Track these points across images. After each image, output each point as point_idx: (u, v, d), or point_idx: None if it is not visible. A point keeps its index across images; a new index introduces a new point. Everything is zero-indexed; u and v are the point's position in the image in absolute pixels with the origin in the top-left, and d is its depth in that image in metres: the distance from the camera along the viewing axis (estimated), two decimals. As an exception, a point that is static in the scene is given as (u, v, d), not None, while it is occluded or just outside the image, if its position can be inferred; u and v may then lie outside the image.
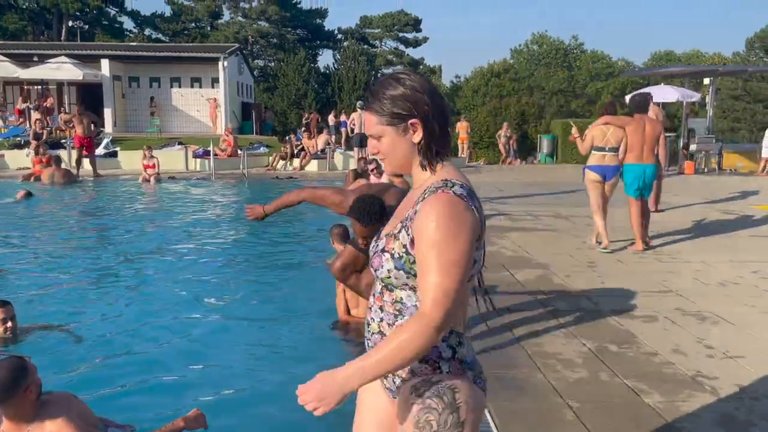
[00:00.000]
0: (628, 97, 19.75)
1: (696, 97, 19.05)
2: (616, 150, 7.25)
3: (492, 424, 3.20)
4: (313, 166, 18.29)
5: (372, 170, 10.86)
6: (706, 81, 19.34)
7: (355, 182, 9.46)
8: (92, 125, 15.89)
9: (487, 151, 34.64)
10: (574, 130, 7.83)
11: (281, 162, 18.39)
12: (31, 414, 2.78)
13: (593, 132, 7.37)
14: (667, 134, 18.12)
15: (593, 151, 7.36)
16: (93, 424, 3.02)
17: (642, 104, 7.44)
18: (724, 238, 8.18)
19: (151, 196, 13.30)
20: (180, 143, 19.85)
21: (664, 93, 17.17)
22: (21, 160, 17.41)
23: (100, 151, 17.56)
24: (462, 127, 23.09)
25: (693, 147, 17.67)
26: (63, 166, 16.05)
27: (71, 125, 16.23)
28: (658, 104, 10.51)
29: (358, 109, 17.18)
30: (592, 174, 7.38)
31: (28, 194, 11.75)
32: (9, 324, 4.42)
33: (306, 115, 24.71)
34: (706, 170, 17.65)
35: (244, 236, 9.02)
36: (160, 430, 2.93)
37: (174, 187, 14.58)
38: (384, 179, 10.45)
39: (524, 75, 48.08)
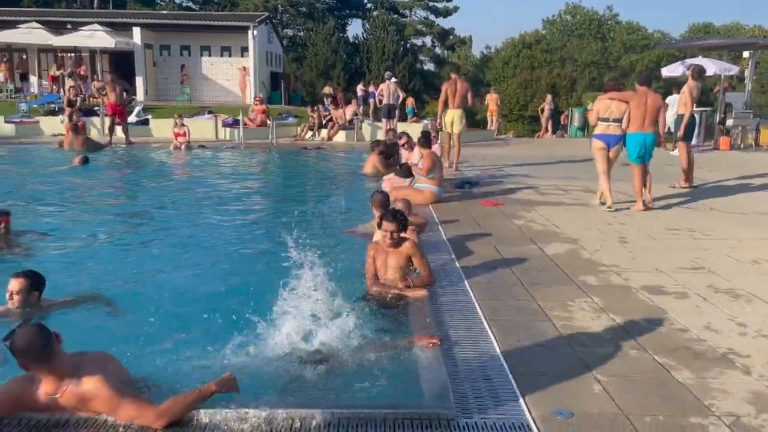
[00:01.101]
0: (664, 70, 19.41)
1: (734, 70, 18.50)
2: (619, 121, 8.08)
3: (518, 395, 3.22)
4: (340, 137, 18.26)
5: (403, 144, 10.82)
6: (746, 54, 18.75)
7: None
8: (124, 93, 16.03)
9: (516, 123, 34.27)
10: (589, 105, 8.89)
11: (309, 132, 18.39)
12: (67, 370, 2.87)
13: (599, 105, 8.25)
14: (703, 109, 17.79)
15: (599, 122, 8.23)
16: (127, 384, 3.11)
17: (647, 79, 8.25)
18: (759, 216, 8.00)
19: (182, 164, 13.46)
20: (210, 112, 19.96)
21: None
22: (55, 126, 17.69)
23: (132, 118, 17.74)
24: (491, 99, 22.75)
25: (729, 122, 17.22)
26: (95, 133, 16.33)
27: (104, 93, 16.39)
28: (700, 77, 10.19)
29: (386, 80, 17.02)
30: (598, 142, 8.24)
31: (85, 160, 11.92)
32: (11, 297, 4.27)
33: (330, 90, 24.59)
34: (742, 146, 17.20)
35: (273, 204, 9.10)
36: (192, 391, 3.00)
37: (204, 155, 14.71)
38: (415, 153, 10.41)
39: (556, 46, 47.17)
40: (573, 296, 4.77)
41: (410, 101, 25.66)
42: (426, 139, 8.70)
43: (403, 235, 4.94)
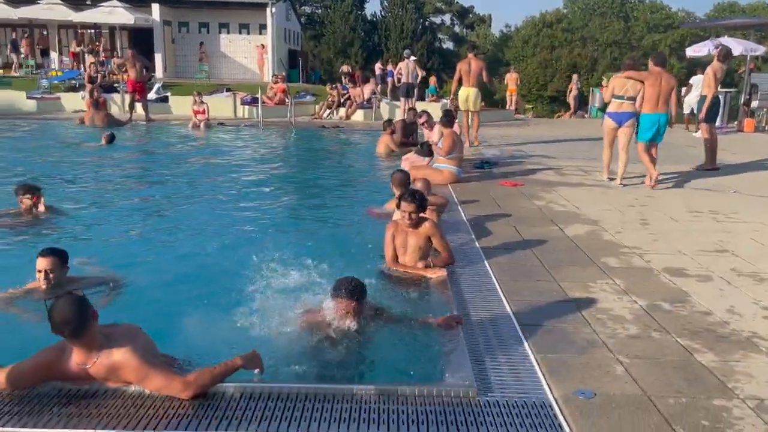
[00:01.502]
0: (688, 50, 19.05)
1: (760, 50, 18.11)
2: (633, 99, 8.31)
3: (540, 374, 3.23)
4: (358, 116, 18.22)
5: (423, 123, 10.77)
6: (773, 34, 18.31)
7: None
8: (144, 70, 16.09)
9: (536, 103, 33.89)
10: (604, 82, 9.30)
11: (327, 111, 18.36)
12: (98, 342, 2.92)
13: (614, 82, 8.51)
14: (727, 90, 17.47)
15: (613, 99, 8.48)
16: (155, 356, 3.16)
17: (662, 60, 8.50)
18: (785, 200, 7.89)
19: (201, 141, 13.52)
20: (228, 90, 19.98)
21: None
22: (76, 102, 17.83)
23: (151, 95, 17.83)
24: (511, 79, 22.50)
25: (754, 104, 16.92)
26: (115, 110, 16.42)
27: (124, 69, 16.46)
28: (726, 60, 9.98)
29: (405, 58, 16.89)
30: (610, 122, 8.61)
31: (111, 138, 12.00)
32: (43, 276, 4.21)
33: (348, 68, 24.48)
34: (767, 128, 16.91)
35: (293, 182, 9.13)
36: (219, 365, 3.04)
37: (224, 133, 14.77)
38: (435, 131, 10.36)
39: (578, 25, 46.40)
40: (594, 278, 4.75)
41: (432, 80, 25.48)
42: (448, 118, 8.65)
43: (422, 215, 4.94)
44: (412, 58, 16.61)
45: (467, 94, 11.73)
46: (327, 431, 2.72)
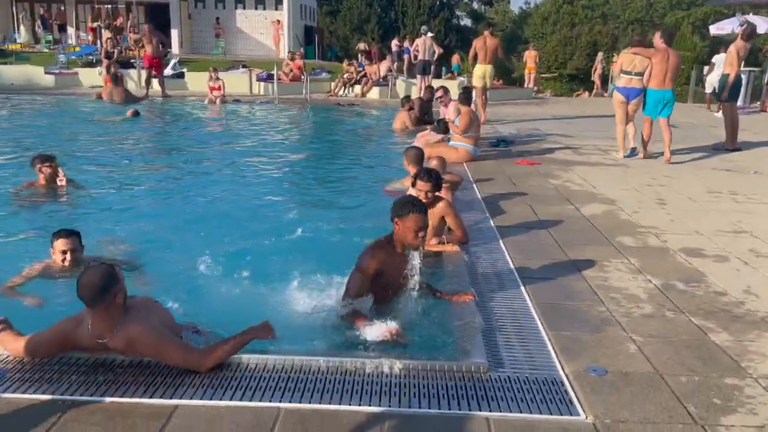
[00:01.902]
0: (712, 28, 18.68)
1: (787, 28, 17.70)
2: (641, 75, 8.56)
3: (552, 351, 3.24)
4: (374, 93, 18.12)
5: (439, 97, 10.68)
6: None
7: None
8: (161, 45, 16.09)
9: (555, 82, 33.45)
10: (614, 58, 9.78)
11: (343, 88, 18.27)
12: (117, 317, 2.97)
13: (623, 58, 8.81)
14: (751, 69, 17.12)
15: (621, 74, 8.76)
16: (172, 329, 3.21)
17: (670, 37, 8.67)
18: (806, 181, 7.77)
19: (217, 118, 13.54)
20: (244, 66, 19.95)
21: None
22: (93, 78, 17.91)
23: (167, 71, 17.83)
24: (530, 56, 22.23)
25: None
26: (132, 86, 16.47)
27: (141, 45, 16.47)
28: (750, 39, 9.75)
29: (423, 35, 16.70)
30: (619, 96, 8.85)
31: (136, 113, 12.06)
32: (68, 256, 4.20)
33: (364, 45, 24.30)
34: (790, 109, 16.57)
35: (309, 159, 9.13)
36: (233, 337, 3.08)
37: (240, 110, 14.78)
38: (451, 107, 10.28)
39: (599, 2, 45.52)
40: (609, 257, 4.73)
41: (456, 57, 25.30)
42: (466, 96, 8.58)
43: (437, 194, 4.92)
44: (429, 34, 16.40)
45: (484, 71, 11.72)
46: (339, 403, 2.75)
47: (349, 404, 2.75)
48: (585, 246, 4.97)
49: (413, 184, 5.00)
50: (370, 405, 2.75)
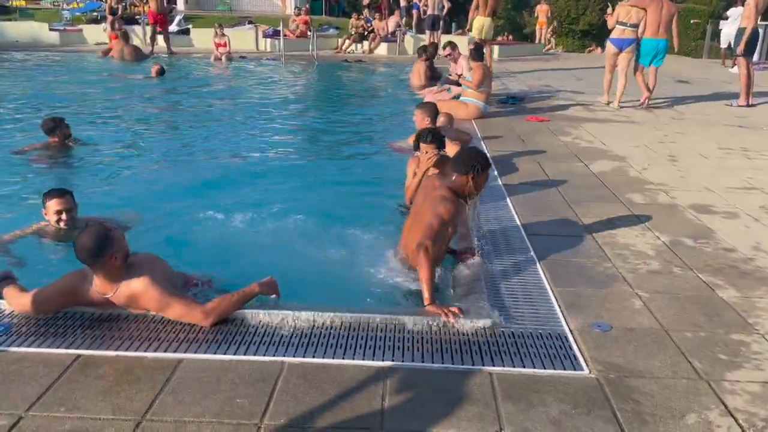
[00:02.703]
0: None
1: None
2: (635, 26, 8.97)
3: (557, 307, 3.22)
4: (382, 50, 17.82)
5: (447, 54, 10.48)
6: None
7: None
8: (166, 1, 15.81)
9: (566, 38, 32.77)
10: (609, 10, 9.86)
11: (350, 44, 17.97)
12: (117, 276, 2.97)
13: (620, 10, 9.14)
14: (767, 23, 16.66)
15: (617, 26, 9.12)
16: (175, 284, 3.21)
17: None
18: (821, 137, 7.62)
19: (223, 75, 13.38)
20: (250, 22, 19.64)
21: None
22: (98, 34, 17.70)
23: (172, 28, 17.58)
24: (542, 11, 21.78)
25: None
26: (137, 42, 16.27)
27: (145, 1, 16.21)
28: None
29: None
30: (612, 47, 9.34)
31: (161, 71, 11.85)
32: (64, 216, 3.99)
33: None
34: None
35: (316, 116, 9.03)
36: (237, 292, 3.08)
37: (245, 66, 14.57)
38: (460, 64, 10.08)
39: (613, -45, 44.34)
40: (617, 214, 4.68)
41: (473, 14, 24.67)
42: (478, 52, 8.38)
43: (443, 153, 4.84)
44: (439, -12, 16.01)
45: (482, 24, 11.48)
46: (343, 357, 2.76)
47: (353, 359, 2.76)
48: (593, 203, 4.91)
49: (415, 147, 4.89)
50: (373, 359, 2.75)
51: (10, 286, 3.11)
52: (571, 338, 2.94)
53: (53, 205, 4.00)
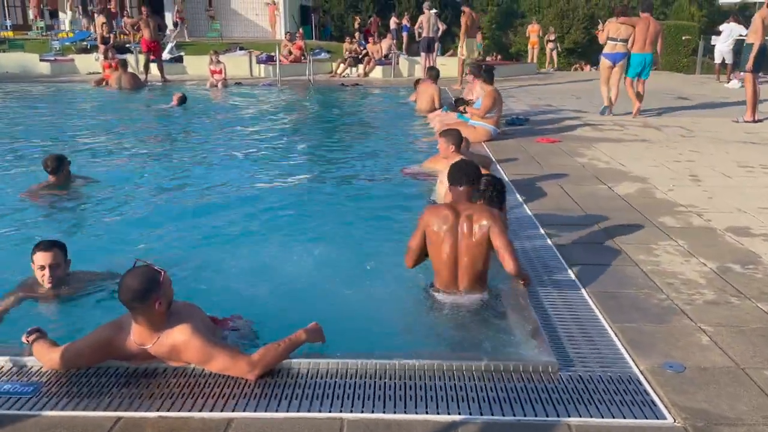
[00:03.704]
0: (721, -1, 18.30)
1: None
2: (625, 41, 9.69)
3: (619, 345, 3.04)
4: (377, 73, 17.77)
5: (468, 73, 10.33)
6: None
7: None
8: (158, 29, 15.66)
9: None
10: (600, 26, 10.54)
11: (346, 68, 17.87)
12: (160, 324, 2.76)
13: (609, 27, 9.93)
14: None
15: (608, 41, 9.90)
16: (215, 334, 3.01)
17: (649, 6, 9.70)
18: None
19: (221, 102, 13.16)
20: (241, 48, 19.54)
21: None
22: (91, 64, 17.51)
23: (165, 55, 17.38)
24: (533, 31, 21.89)
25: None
26: (130, 70, 16.10)
27: (137, 28, 16.06)
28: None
29: (426, 11, 16.30)
30: (606, 61, 10.06)
31: (183, 99, 11.51)
32: (47, 272, 3.59)
33: (358, 20, 23.86)
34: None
35: (322, 145, 8.82)
36: (282, 341, 2.88)
37: (242, 93, 14.39)
38: (477, 87, 9.92)
39: (595, -27, 44.85)
40: (655, 239, 4.53)
41: (479, 37, 24.90)
42: (489, 75, 8.24)
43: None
44: (434, 10, 16.02)
45: (473, 45, 11.97)
46: (404, 411, 2.55)
47: (416, 412, 2.56)
48: (627, 228, 4.76)
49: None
50: (438, 413, 2.55)
51: (39, 341, 2.88)
52: (644, 381, 2.76)
53: (38, 259, 3.61)
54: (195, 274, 4.16)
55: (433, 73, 11.08)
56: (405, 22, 22.52)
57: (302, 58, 17.72)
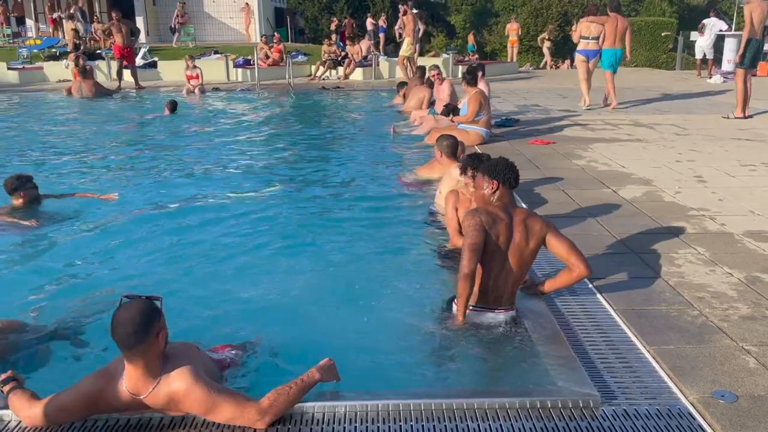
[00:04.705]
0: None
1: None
2: (596, 38, 10.40)
3: (660, 372, 2.79)
4: (357, 75, 17.44)
5: (434, 75, 10.13)
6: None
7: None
8: (130, 34, 15.13)
9: (527, 54, 33.01)
10: (573, 27, 11.27)
11: (322, 70, 17.50)
12: (156, 368, 2.43)
13: (581, 26, 10.66)
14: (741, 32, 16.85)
15: (581, 39, 10.59)
16: (215, 377, 2.69)
17: (617, 6, 10.35)
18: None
19: (199, 108, 12.70)
20: (216, 52, 19.09)
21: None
22: (60, 71, 16.93)
23: (138, 61, 16.83)
24: (512, 29, 21.76)
25: (766, 47, 16.33)
26: (101, 78, 15.60)
27: (108, 34, 15.54)
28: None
29: (408, 10, 16.02)
30: (580, 56, 10.75)
31: (174, 107, 11.05)
32: None
33: (335, 21, 23.53)
34: (779, 71, 16.38)
35: (312, 153, 8.40)
36: (293, 383, 2.56)
37: (220, 98, 13.94)
38: (445, 85, 9.74)
39: (568, -29, 45.01)
40: (673, 247, 4.30)
41: (471, 37, 24.84)
42: (472, 76, 7.94)
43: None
44: (414, 10, 15.76)
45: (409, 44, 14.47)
46: (440, 462, 2.27)
47: (451, 461, 2.28)
48: (641, 235, 4.53)
49: (465, 172, 4.33)
50: (476, 461, 2.27)
51: (16, 392, 2.53)
52: (697, 415, 2.50)
53: None
54: (184, 302, 3.79)
55: (423, 74, 10.96)
56: (381, 23, 22.23)
57: (281, 61, 17.32)
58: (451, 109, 8.29)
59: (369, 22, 23.39)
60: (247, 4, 23.93)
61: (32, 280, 4.16)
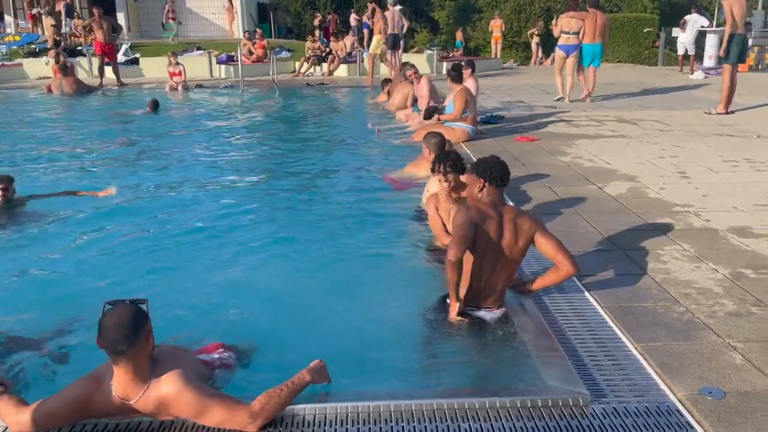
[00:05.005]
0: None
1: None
2: (576, 33, 10.73)
3: (647, 368, 2.82)
4: (342, 71, 17.38)
5: (411, 74, 10.07)
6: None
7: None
8: (112, 31, 14.95)
9: (510, 51, 33.10)
10: (554, 22, 12.04)
11: (306, 66, 17.42)
12: (147, 371, 2.41)
13: (561, 21, 11.04)
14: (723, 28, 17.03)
15: (562, 34, 10.94)
16: (203, 378, 2.67)
17: (594, 2, 10.76)
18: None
19: (182, 105, 12.59)
20: (199, 48, 18.93)
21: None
22: (40, 68, 16.70)
23: (120, 58, 16.64)
24: (496, 26, 21.81)
25: (749, 42, 16.52)
26: (83, 75, 15.41)
27: (89, 30, 15.34)
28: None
29: (390, 7, 15.97)
30: (560, 52, 11.12)
31: (155, 104, 10.94)
32: None
33: (319, 17, 23.45)
34: (760, 67, 16.60)
35: (294, 149, 8.39)
36: (284, 385, 2.55)
37: (203, 95, 13.82)
38: (423, 83, 9.66)
39: (550, -33, 45.22)
40: (659, 243, 4.34)
41: (459, 34, 24.84)
42: (457, 73, 7.91)
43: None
44: (398, 6, 15.71)
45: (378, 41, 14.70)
46: (432, 463, 2.28)
47: (444, 462, 2.28)
48: (627, 232, 4.57)
49: (440, 172, 4.35)
50: (469, 461, 2.28)
51: (3, 398, 2.49)
52: (685, 412, 2.53)
53: None
54: (169, 304, 3.72)
55: (407, 67, 10.83)
56: (365, 19, 22.16)
57: (265, 57, 17.22)
58: (433, 111, 8.26)
59: (353, 18, 23.26)
60: (230, 1, 23.74)
61: (8, 284, 4.09)
